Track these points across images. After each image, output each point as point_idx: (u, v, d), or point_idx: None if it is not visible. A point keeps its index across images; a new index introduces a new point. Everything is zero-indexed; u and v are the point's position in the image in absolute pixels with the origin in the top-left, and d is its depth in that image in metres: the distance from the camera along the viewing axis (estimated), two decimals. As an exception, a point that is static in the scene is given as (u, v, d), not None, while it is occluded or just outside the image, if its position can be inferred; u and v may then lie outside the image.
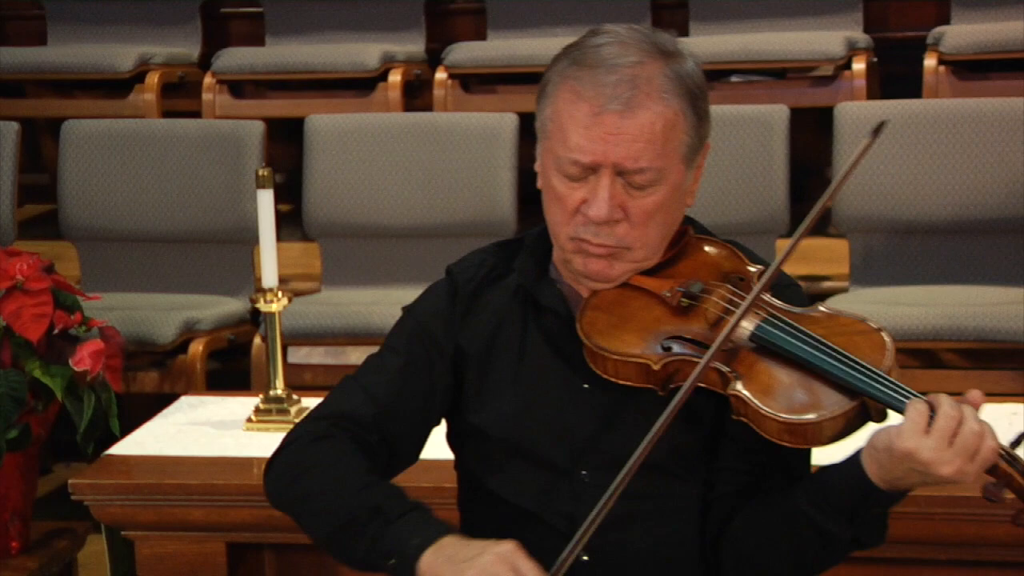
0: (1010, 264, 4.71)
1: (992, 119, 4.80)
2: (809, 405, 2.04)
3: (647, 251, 2.17)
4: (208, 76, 6.07)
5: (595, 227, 2.13)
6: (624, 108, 2.08)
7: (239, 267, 5.09)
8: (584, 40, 2.16)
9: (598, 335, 2.15)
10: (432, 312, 2.31)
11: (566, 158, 2.13)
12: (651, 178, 2.11)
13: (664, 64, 2.11)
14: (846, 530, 2.06)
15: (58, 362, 3.29)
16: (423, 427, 2.32)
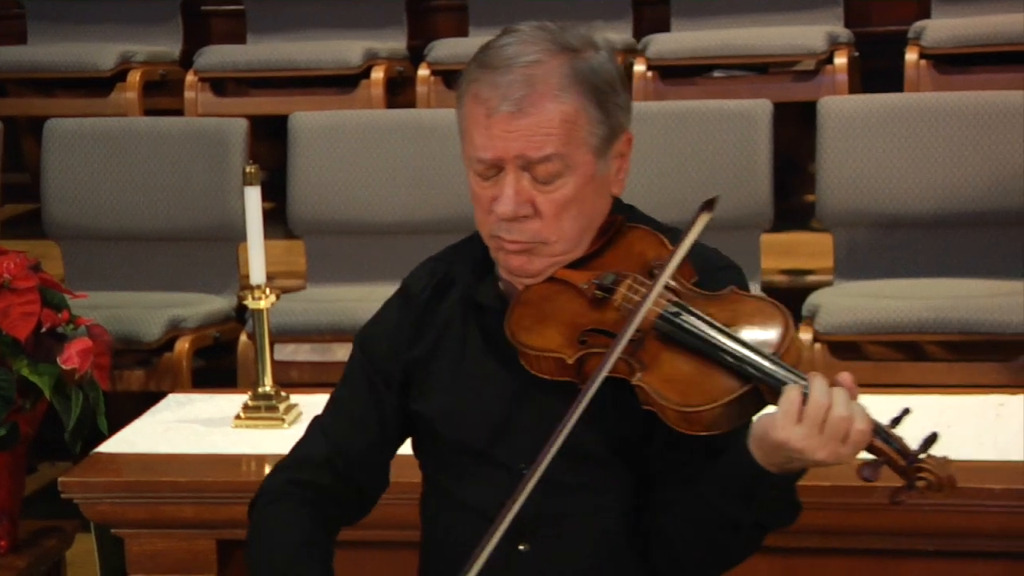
0: (994, 256, 4.73)
1: (974, 112, 4.81)
2: (704, 393, 2.06)
3: (566, 244, 2.19)
4: (190, 74, 6.07)
5: (507, 224, 2.16)
6: (515, 109, 2.10)
7: (223, 265, 5.09)
8: (492, 41, 2.20)
9: (523, 331, 2.18)
10: (379, 334, 2.38)
11: (473, 157, 2.17)
12: (556, 169, 2.13)
13: (564, 61, 2.13)
14: (747, 514, 2.09)
15: (46, 360, 3.29)
16: (379, 454, 2.40)
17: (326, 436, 2.37)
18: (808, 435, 1.98)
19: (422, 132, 5.10)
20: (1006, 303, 4.40)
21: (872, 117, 4.84)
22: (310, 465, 2.36)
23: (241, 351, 4.70)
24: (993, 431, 3.12)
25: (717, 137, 4.87)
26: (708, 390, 2.06)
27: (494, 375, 2.25)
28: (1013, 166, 4.73)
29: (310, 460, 2.37)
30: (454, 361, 2.29)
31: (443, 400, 2.29)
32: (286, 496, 2.34)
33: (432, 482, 2.38)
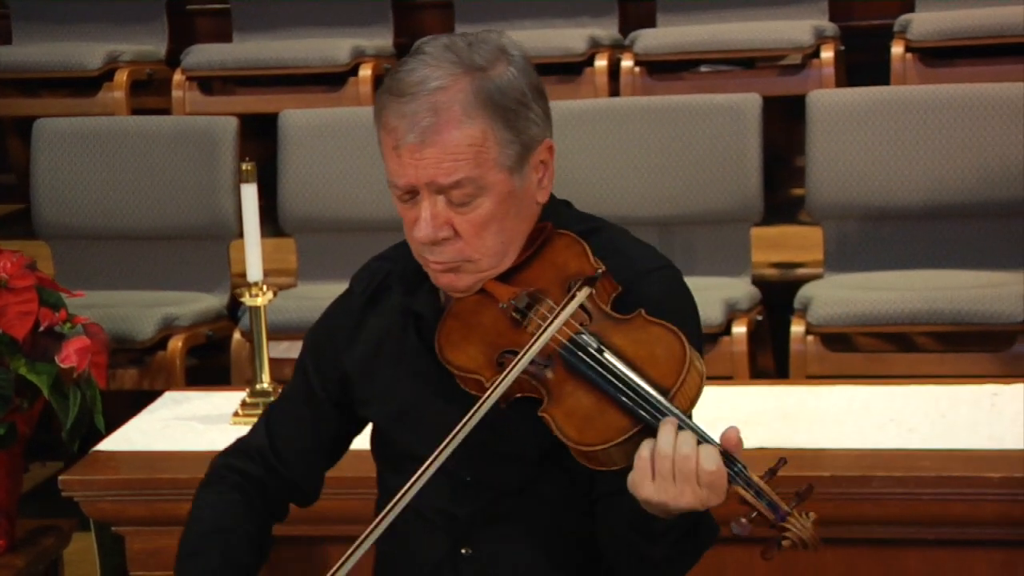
0: (983, 247, 4.76)
1: (962, 105, 4.84)
2: (598, 432, 2.05)
3: (491, 260, 2.18)
4: (178, 73, 6.07)
5: (428, 247, 2.16)
6: (420, 140, 2.09)
7: (215, 263, 5.09)
8: (401, 62, 2.18)
9: (449, 347, 2.19)
10: (323, 334, 2.43)
11: (390, 182, 2.17)
12: (469, 192, 2.12)
13: (470, 82, 2.11)
14: (654, 550, 2.10)
15: (43, 360, 3.29)
16: (312, 457, 2.45)
17: (268, 429, 2.44)
18: (664, 487, 1.98)
19: (412, 129, 5.10)
20: (997, 293, 4.43)
21: (861, 110, 4.86)
22: (247, 454, 2.44)
23: (235, 349, 4.71)
24: (988, 420, 3.14)
25: (707, 131, 4.88)
26: (602, 429, 2.05)
27: (435, 383, 2.24)
28: (1001, 158, 4.76)
29: (248, 449, 2.44)
30: (396, 368, 2.29)
31: (388, 407, 2.31)
32: (218, 480, 2.43)
33: (384, 485, 2.39)
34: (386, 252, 2.41)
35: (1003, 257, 4.72)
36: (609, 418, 2.05)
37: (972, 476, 2.83)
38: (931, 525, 2.91)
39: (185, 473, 3.12)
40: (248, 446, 2.44)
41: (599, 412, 2.06)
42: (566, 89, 5.73)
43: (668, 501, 1.98)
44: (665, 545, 2.08)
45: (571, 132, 5.00)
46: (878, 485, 2.87)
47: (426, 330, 2.26)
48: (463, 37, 2.17)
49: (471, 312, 2.20)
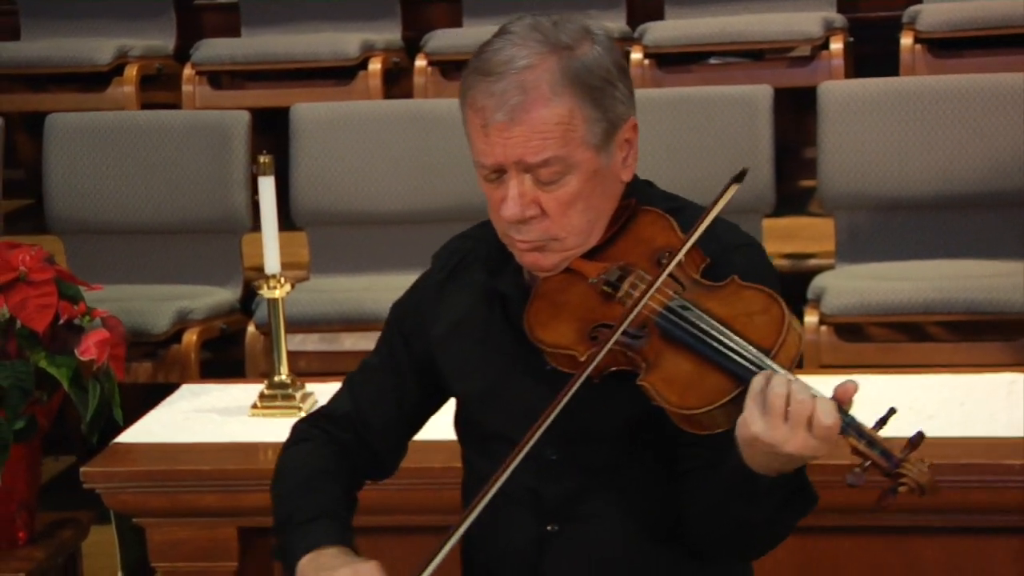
0: (994, 237, 4.77)
1: (973, 95, 4.85)
2: (700, 395, 2.05)
3: (577, 238, 2.19)
4: (188, 67, 6.08)
5: (516, 225, 2.16)
6: (509, 118, 2.10)
7: (227, 257, 5.11)
8: (487, 43, 2.18)
9: (539, 327, 2.19)
10: (410, 308, 2.42)
11: (477, 162, 2.17)
12: (557, 171, 2.13)
13: (557, 61, 2.12)
14: (756, 513, 2.09)
15: (63, 352, 3.30)
16: (396, 428, 2.44)
17: (352, 397, 2.44)
18: (774, 426, 1.96)
19: (423, 122, 5.12)
20: (1011, 283, 4.44)
21: (871, 101, 4.87)
22: (334, 420, 2.43)
23: (249, 342, 4.72)
24: (1007, 408, 3.15)
25: (718, 123, 4.89)
26: (704, 392, 2.05)
27: (520, 363, 2.25)
28: (1012, 147, 4.77)
29: (334, 415, 2.44)
30: (480, 347, 2.30)
31: (473, 386, 2.31)
32: (308, 438, 2.43)
33: (470, 466, 2.40)
34: (468, 231, 2.42)
35: (1015, 246, 4.73)
36: (711, 381, 2.05)
37: (994, 463, 2.84)
38: (951, 513, 2.91)
39: (206, 464, 3.14)
40: (333, 413, 2.44)
41: (700, 376, 2.06)
42: (576, 82, 5.72)
43: (777, 442, 1.96)
44: (768, 506, 2.07)
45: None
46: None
47: (512, 310, 2.27)
48: (547, 17, 2.17)
49: (558, 290, 2.21)
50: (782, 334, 2.06)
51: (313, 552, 2.23)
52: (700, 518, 2.19)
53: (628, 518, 2.25)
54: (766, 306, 2.10)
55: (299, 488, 2.35)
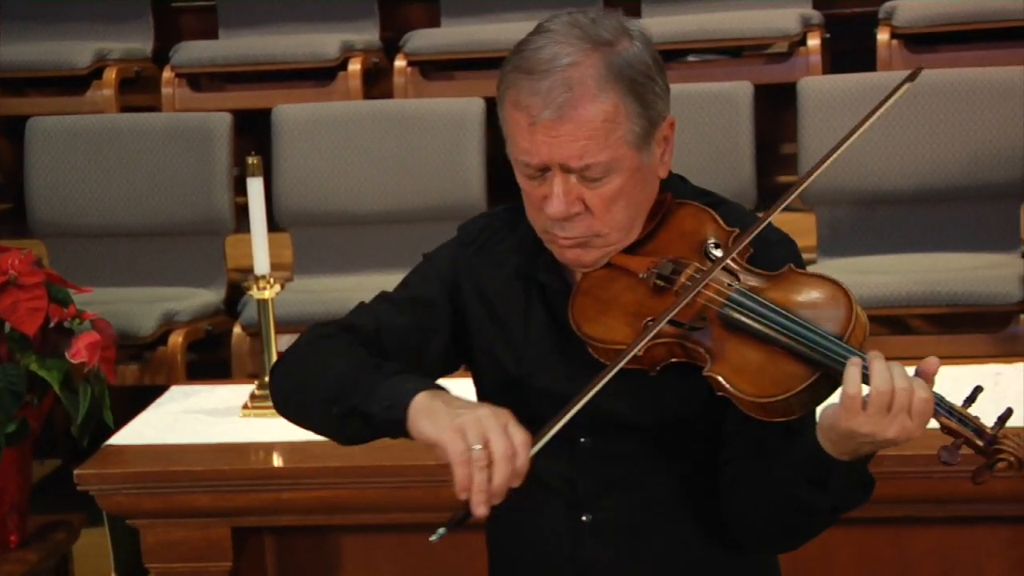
0: (974, 230, 4.81)
1: (949, 90, 4.89)
2: (776, 383, 2.05)
3: (619, 234, 2.20)
4: (167, 70, 6.08)
5: (559, 222, 2.17)
6: (557, 116, 2.10)
7: (210, 259, 5.12)
8: (526, 41, 2.18)
9: (587, 323, 2.19)
10: (448, 264, 2.35)
11: (519, 160, 2.17)
12: (600, 171, 2.14)
13: (600, 58, 2.12)
14: (823, 500, 2.10)
15: (53, 355, 3.31)
16: (415, 356, 2.33)
17: (377, 319, 2.30)
18: (877, 418, 1.97)
19: (404, 122, 5.14)
20: (992, 275, 4.47)
21: (851, 96, 4.90)
22: (353, 332, 2.28)
23: (235, 343, 4.74)
24: (994, 399, 3.14)
25: (699, 120, 4.92)
26: (780, 380, 2.05)
27: (558, 352, 2.25)
28: (990, 141, 4.81)
29: (354, 328, 2.29)
30: (517, 334, 2.29)
31: (508, 373, 2.29)
32: (339, 337, 2.26)
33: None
34: (494, 213, 2.39)
35: (995, 239, 4.77)
36: (785, 368, 2.05)
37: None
38: (942, 503, 2.94)
39: (200, 465, 3.15)
40: (353, 326, 2.29)
41: (773, 364, 2.06)
42: (555, 80, 5.74)
43: (875, 431, 1.97)
44: (836, 492, 2.09)
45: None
46: (889, 464, 2.89)
47: (550, 300, 2.27)
48: (583, 14, 2.17)
49: (602, 286, 2.21)
50: (852, 319, 2.06)
51: (427, 391, 2.08)
52: (751, 507, 2.19)
53: (662, 510, 2.25)
54: (831, 292, 2.11)
55: (363, 360, 2.18)
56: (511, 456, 1.99)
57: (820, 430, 2.05)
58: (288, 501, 3.12)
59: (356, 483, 3.09)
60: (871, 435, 1.99)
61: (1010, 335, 4.39)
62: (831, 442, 2.04)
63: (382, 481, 3.08)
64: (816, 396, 2.06)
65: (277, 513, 3.14)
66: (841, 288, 2.11)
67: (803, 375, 2.04)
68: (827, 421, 2.02)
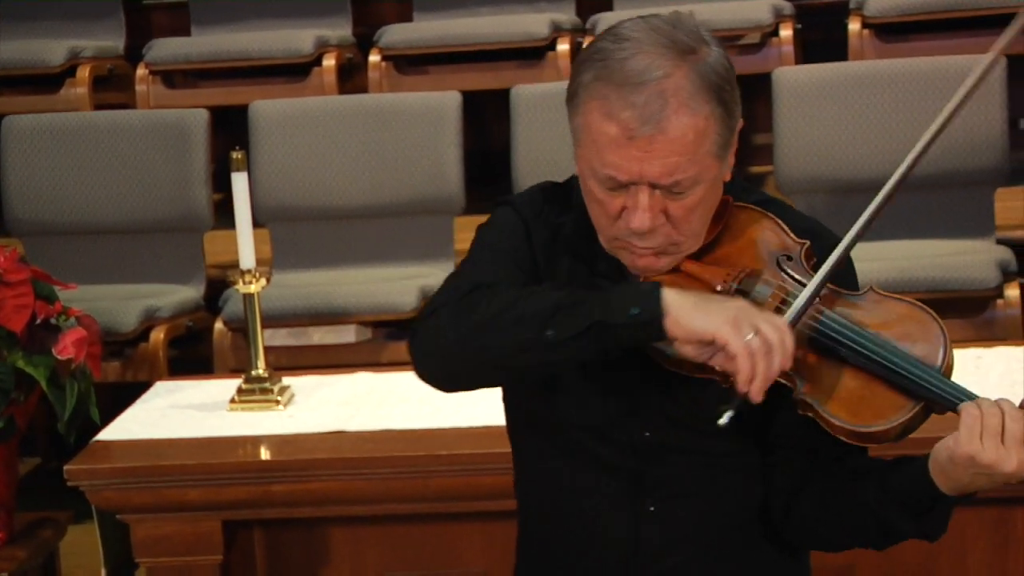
0: (950, 217, 4.86)
1: (921, 78, 4.94)
2: (875, 412, 2.05)
3: (694, 241, 2.17)
4: (141, 67, 6.07)
5: (640, 235, 2.13)
6: (655, 130, 2.06)
7: (190, 255, 5.14)
8: (607, 50, 2.11)
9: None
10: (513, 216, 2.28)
11: (602, 173, 2.11)
12: (687, 185, 2.10)
13: (690, 69, 2.08)
14: (912, 528, 2.12)
15: (40, 352, 3.31)
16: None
17: (492, 272, 2.22)
18: (992, 448, 1.99)
19: (382, 116, 5.16)
20: (969, 261, 4.52)
21: (826, 86, 4.94)
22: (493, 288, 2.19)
23: (217, 338, 4.74)
24: (976, 382, 3.15)
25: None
26: (878, 409, 2.04)
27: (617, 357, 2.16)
28: (963, 129, 4.84)
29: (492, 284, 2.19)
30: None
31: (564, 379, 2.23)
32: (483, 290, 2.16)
33: (530, 459, 2.34)
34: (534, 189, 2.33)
35: (971, 225, 4.82)
36: (884, 397, 2.04)
37: None
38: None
39: (189, 459, 3.15)
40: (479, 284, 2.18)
41: (870, 392, 2.05)
42: (529, 74, 5.78)
43: (994, 463, 1.98)
44: (931, 523, 2.10)
45: (538, 115, 5.07)
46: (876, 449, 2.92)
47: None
48: (660, 18, 2.12)
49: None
50: (946, 350, 2.07)
51: (670, 289, 2.04)
52: (827, 520, 2.19)
53: (724, 506, 2.25)
54: (920, 320, 2.10)
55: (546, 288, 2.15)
56: (782, 341, 2.01)
57: (934, 464, 2.05)
58: (278, 494, 3.13)
59: (346, 475, 3.10)
60: (990, 466, 1.99)
61: (988, 320, 4.44)
62: (945, 475, 2.05)
63: (371, 473, 3.10)
64: (913, 425, 2.06)
65: (267, 506, 3.15)
66: (930, 315, 2.10)
67: (903, 405, 2.04)
68: (944, 454, 2.03)
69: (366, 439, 3.18)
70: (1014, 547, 3.09)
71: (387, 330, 4.82)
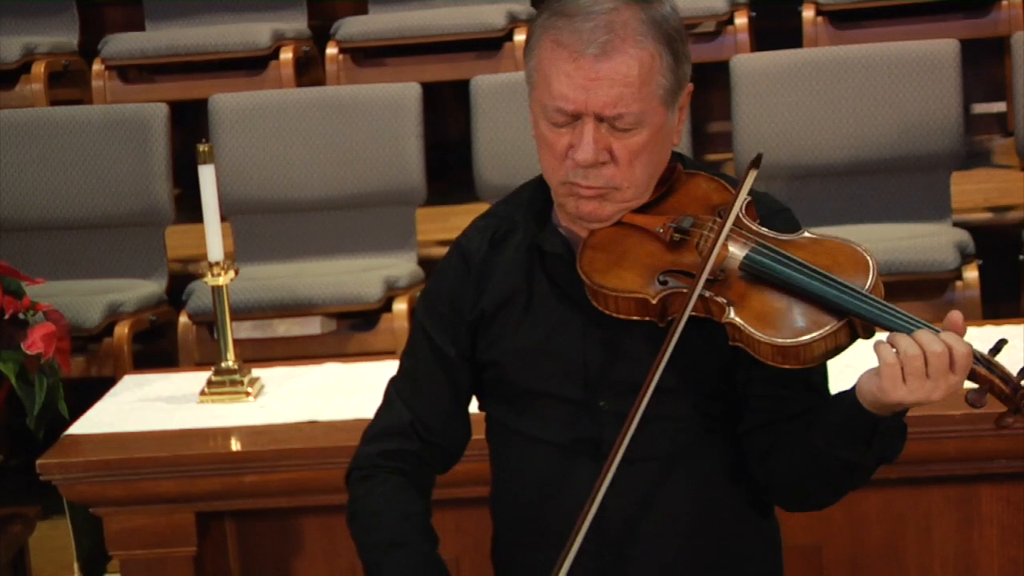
0: (907, 200, 4.92)
1: (877, 64, 5.00)
2: (799, 327, 2.11)
3: (636, 190, 2.25)
4: (97, 63, 6.06)
5: (584, 170, 2.21)
6: (600, 52, 2.16)
7: (151, 250, 5.13)
8: None
9: (597, 274, 2.23)
10: (441, 300, 2.41)
11: (551, 106, 2.21)
12: (632, 121, 2.19)
13: (639, 9, 2.19)
14: (868, 455, 2.18)
15: (8, 347, 3.31)
16: (457, 415, 2.44)
17: (406, 404, 2.43)
18: (918, 387, 2.05)
19: (342, 109, 5.18)
20: (927, 243, 4.57)
21: (782, 73, 4.98)
22: (397, 435, 2.42)
23: (181, 332, 4.75)
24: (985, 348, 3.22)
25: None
26: (804, 325, 2.11)
27: (564, 319, 2.30)
28: (919, 113, 4.92)
29: (396, 429, 2.42)
30: (522, 308, 2.33)
31: (515, 346, 2.34)
32: (376, 469, 2.41)
33: (500, 424, 2.42)
34: (491, 211, 2.44)
35: (927, 209, 4.88)
36: (809, 315, 2.11)
37: (933, 415, 2.87)
38: (894, 464, 2.99)
39: (163, 452, 3.16)
40: (392, 426, 2.43)
41: (796, 311, 2.12)
42: (487, 65, 5.79)
43: (921, 399, 2.05)
44: (881, 446, 2.16)
45: (497, 106, 5.09)
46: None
47: (554, 268, 2.31)
48: None
49: (613, 241, 2.26)
50: (872, 274, 2.14)
51: None
52: (790, 472, 2.25)
53: (689, 469, 2.30)
54: (849, 253, 2.18)
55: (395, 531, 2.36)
56: None
57: (864, 397, 2.10)
58: (251, 484, 3.14)
59: (318, 464, 3.11)
60: (918, 401, 2.06)
61: (947, 301, 4.49)
62: (876, 407, 2.10)
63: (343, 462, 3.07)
64: (838, 345, 2.12)
65: (240, 497, 3.16)
66: (860, 247, 2.18)
67: (827, 322, 2.10)
68: (869, 395, 2.09)
69: (338, 428, 3.19)
70: (978, 524, 3.13)
71: (352, 321, 4.83)
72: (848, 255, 2.18)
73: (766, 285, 2.16)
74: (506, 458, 2.41)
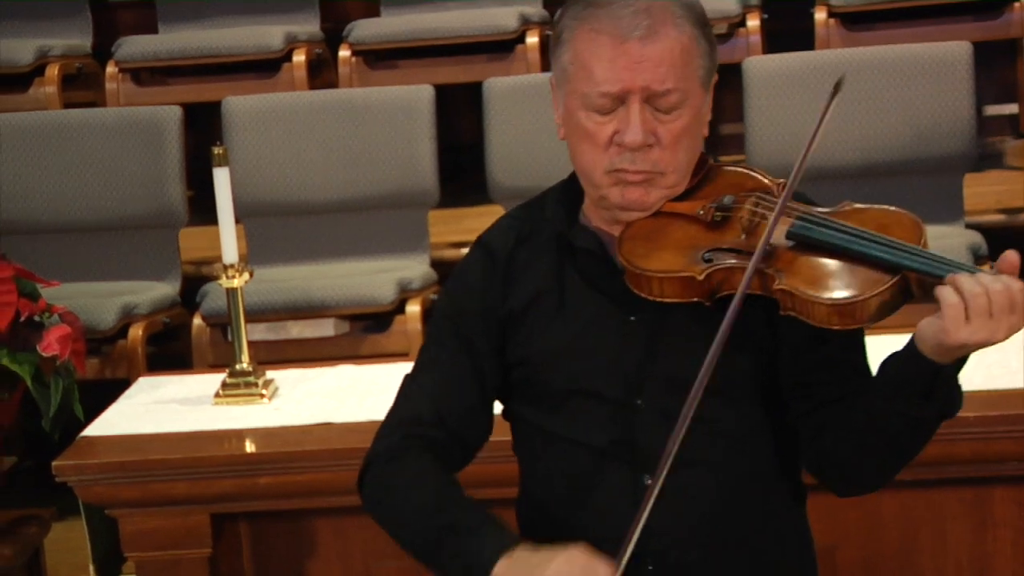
0: (919, 203, 4.83)
1: (889, 66, 5.00)
2: (853, 286, 2.11)
3: (678, 175, 2.25)
4: (111, 65, 6.07)
5: (631, 154, 2.21)
6: (645, 35, 2.17)
7: (164, 252, 5.14)
8: None
9: (639, 259, 2.22)
10: (468, 294, 2.38)
11: (594, 92, 2.21)
12: (676, 100, 2.20)
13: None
14: (929, 409, 2.15)
15: (24, 349, 3.32)
16: (482, 410, 2.40)
17: (431, 397, 2.37)
18: (981, 325, 2.03)
19: (353, 111, 5.19)
20: (938, 246, 4.39)
21: (794, 75, 4.98)
22: (421, 423, 2.35)
23: (195, 334, 4.76)
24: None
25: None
26: (858, 283, 2.10)
27: (599, 315, 2.29)
28: (930, 115, 4.92)
29: (420, 418, 2.35)
30: (553, 306, 2.32)
31: (547, 345, 2.31)
32: (405, 450, 2.33)
33: (529, 425, 2.38)
34: (515, 211, 2.43)
35: (939, 211, 4.86)
36: (862, 274, 2.11)
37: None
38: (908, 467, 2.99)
39: (178, 453, 3.17)
40: (419, 416, 2.36)
41: (847, 272, 2.12)
42: (499, 67, 5.81)
43: (986, 339, 2.03)
44: (942, 397, 2.14)
45: (509, 108, 5.09)
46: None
47: (585, 265, 2.30)
48: None
49: (650, 231, 2.25)
50: (923, 234, 2.15)
51: (505, 556, 2.16)
52: (847, 444, 2.23)
53: (721, 473, 2.28)
54: (894, 214, 2.20)
55: (436, 503, 2.27)
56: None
57: (924, 346, 2.09)
58: (265, 486, 3.14)
59: (332, 466, 3.11)
60: (982, 342, 2.04)
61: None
62: (937, 354, 2.09)
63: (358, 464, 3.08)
64: (893, 301, 2.12)
65: (255, 498, 3.16)
66: (906, 212, 2.19)
67: (881, 279, 2.10)
68: (932, 340, 2.07)
69: (352, 430, 3.19)
70: (992, 526, 3.13)
71: (365, 323, 4.84)
72: (894, 218, 2.20)
73: (814, 251, 2.16)
74: (535, 460, 2.38)
